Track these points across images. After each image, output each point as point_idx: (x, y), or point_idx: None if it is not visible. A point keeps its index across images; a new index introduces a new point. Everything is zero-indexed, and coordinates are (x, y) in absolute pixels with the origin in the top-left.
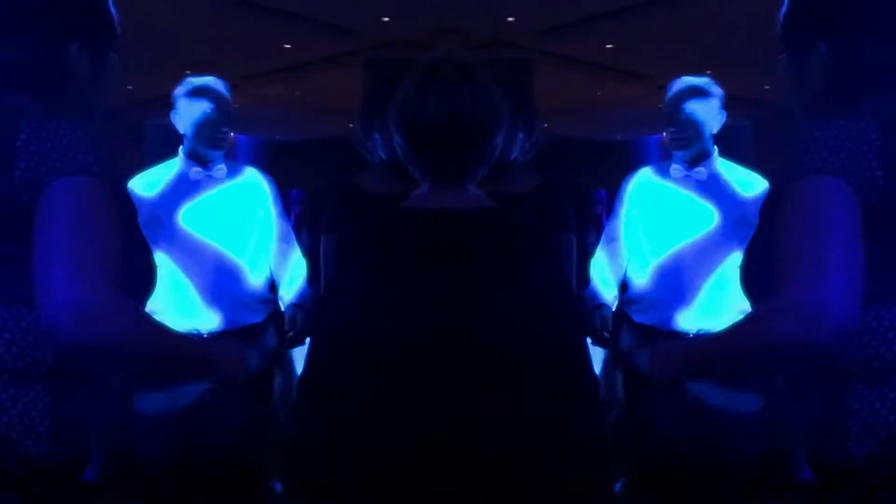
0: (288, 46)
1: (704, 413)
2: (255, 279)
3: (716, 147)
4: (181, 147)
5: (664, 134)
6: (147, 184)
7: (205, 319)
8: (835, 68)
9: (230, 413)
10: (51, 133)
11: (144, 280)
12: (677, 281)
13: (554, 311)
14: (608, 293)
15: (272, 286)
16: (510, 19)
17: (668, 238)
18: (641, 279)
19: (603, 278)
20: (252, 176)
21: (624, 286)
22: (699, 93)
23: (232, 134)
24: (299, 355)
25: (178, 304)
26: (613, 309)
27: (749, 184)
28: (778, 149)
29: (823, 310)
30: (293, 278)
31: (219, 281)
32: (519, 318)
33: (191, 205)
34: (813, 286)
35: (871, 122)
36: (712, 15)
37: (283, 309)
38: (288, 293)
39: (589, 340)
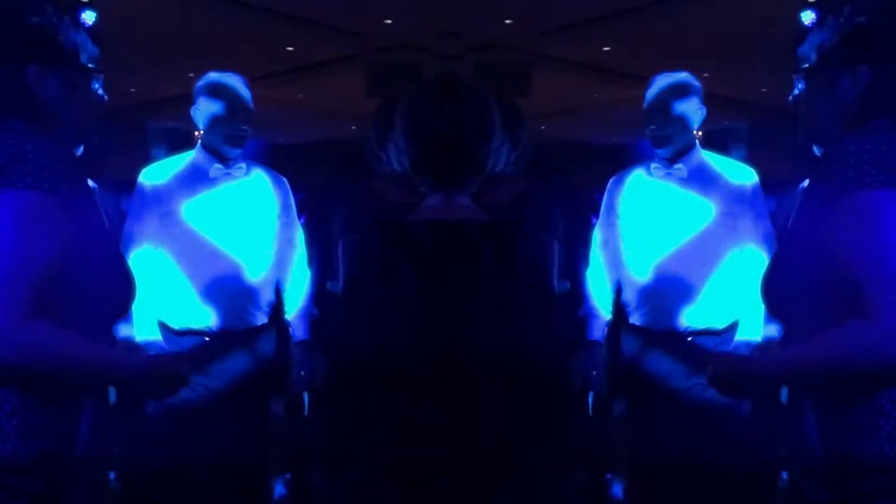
0: (291, 49)
1: (715, 416)
2: (258, 280)
3: (697, 140)
4: (199, 140)
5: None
6: (158, 174)
7: (202, 318)
8: (871, 87)
9: (220, 416)
10: (18, 148)
11: (116, 292)
12: (680, 278)
13: (539, 314)
14: (604, 310)
15: (277, 289)
16: (508, 22)
17: (668, 236)
18: (641, 280)
19: (600, 290)
20: (266, 177)
21: (619, 289)
22: (680, 89)
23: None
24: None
25: (175, 301)
26: (610, 316)
27: (737, 173)
28: (775, 151)
29: None
30: (297, 289)
31: (217, 278)
32: (506, 322)
33: (198, 199)
34: None
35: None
36: (709, 18)
37: (288, 317)
38: (293, 310)
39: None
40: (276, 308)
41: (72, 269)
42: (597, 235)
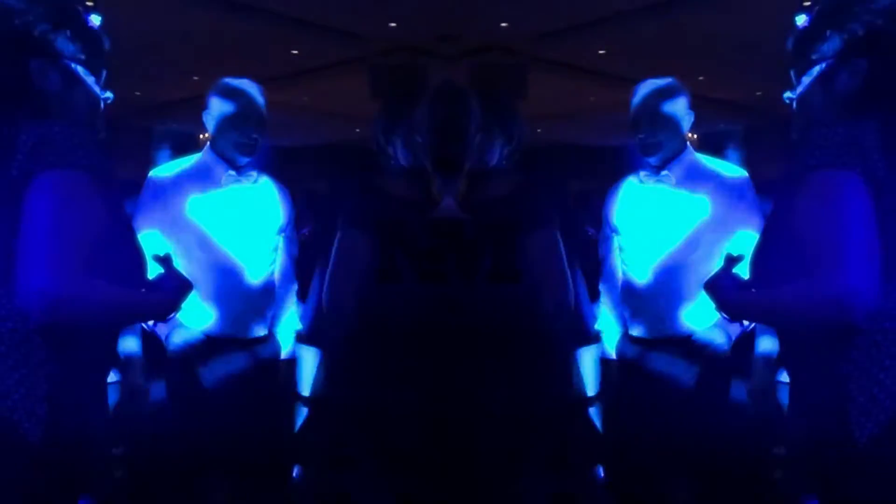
0: (296, 52)
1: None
2: (258, 287)
3: (689, 143)
4: (207, 143)
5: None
6: (168, 170)
7: (203, 318)
8: (868, 79)
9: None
10: (43, 132)
11: (131, 270)
12: (680, 277)
13: (530, 308)
14: (608, 326)
15: (275, 301)
16: (504, 25)
17: (665, 237)
18: (642, 284)
19: (605, 306)
20: (274, 187)
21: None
22: (666, 91)
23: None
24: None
25: None
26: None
27: (728, 169)
28: (770, 153)
29: (854, 296)
30: (291, 305)
31: (217, 277)
32: (500, 314)
33: (205, 197)
34: (842, 275)
35: (871, 123)
36: (705, 21)
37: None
38: (289, 326)
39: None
40: (272, 321)
41: (98, 241)
42: (602, 250)
